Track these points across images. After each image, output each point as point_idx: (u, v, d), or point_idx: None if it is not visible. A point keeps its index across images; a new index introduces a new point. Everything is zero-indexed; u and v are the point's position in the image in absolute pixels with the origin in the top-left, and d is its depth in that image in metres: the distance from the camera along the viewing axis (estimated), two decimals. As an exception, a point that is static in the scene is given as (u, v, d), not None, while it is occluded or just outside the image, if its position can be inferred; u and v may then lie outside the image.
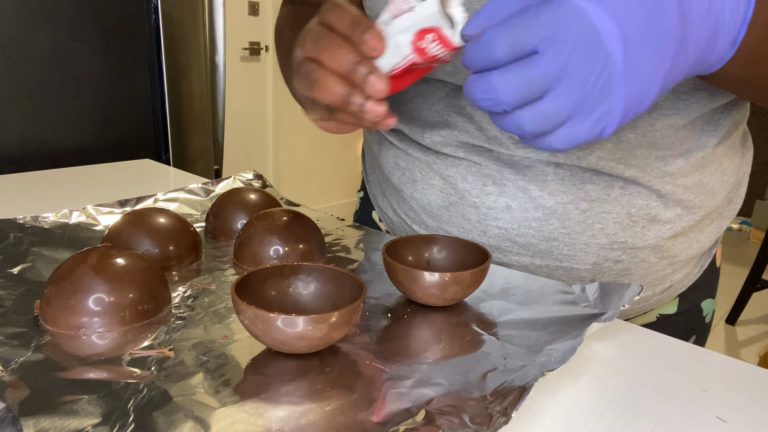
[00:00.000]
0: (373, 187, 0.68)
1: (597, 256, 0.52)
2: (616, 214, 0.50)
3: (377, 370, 0.34)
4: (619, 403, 0.34)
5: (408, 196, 0.58)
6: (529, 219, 0.51)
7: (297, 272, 0.39)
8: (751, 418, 0.33)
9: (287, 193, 3.31)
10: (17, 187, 0.73)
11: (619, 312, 0.40)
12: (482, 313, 0.42)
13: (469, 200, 0.53)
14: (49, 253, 0.48)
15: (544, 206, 0.50)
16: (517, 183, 0.50)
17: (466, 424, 0.29)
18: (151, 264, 0.40)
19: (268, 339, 0.33)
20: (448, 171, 0.54)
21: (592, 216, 0.50)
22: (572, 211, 0.50)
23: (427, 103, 0.54)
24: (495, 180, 0.51)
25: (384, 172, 0.61)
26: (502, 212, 0.52)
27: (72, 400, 0.29)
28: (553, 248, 0.52)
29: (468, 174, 0.53)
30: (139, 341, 0.36)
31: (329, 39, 0.38)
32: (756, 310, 2.61)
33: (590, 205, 0.50)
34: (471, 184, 0.52)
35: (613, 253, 0.52)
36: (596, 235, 0.51)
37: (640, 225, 0.51)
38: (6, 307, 0.39)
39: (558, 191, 0.49)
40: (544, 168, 0.49)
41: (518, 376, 0.33)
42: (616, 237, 0.51)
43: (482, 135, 0.51)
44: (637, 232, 0.51)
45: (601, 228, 0.51)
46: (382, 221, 0.67)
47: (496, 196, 0.51)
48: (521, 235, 0.52)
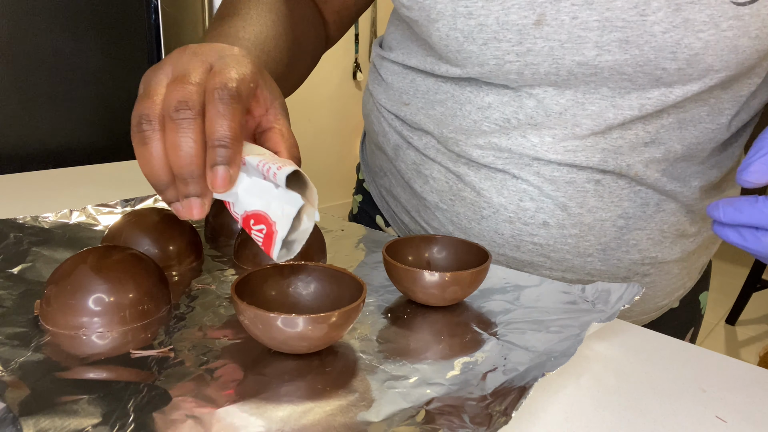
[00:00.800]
0: (381, 192, 0.65)
1: (628, 270, 0.52)
2: (649, 230, 0.50)
3: (377, 370, 0.34)
4: (619, 403, 0.34)
5: (432, 206, 0.56)
6: (565, 236, 0.50)
7: (297, 272, 0.39)
8: (751, 418, 0.33)
9: (287, 193, 3.30)
10: (17, 187, 0.73)
11: (619, 312, 0.40)
12: (482, 313, 0.42)
13: (504, 215, 0.51)
14: (49, 253, 0.48)
15: (582, 223, 0.49)
16: (557, 200, 0.48)
17: (466, 424, 0.29)
18: (151, 264, 0.40)
19: (268, 339, 0.33)
20: (481, 184, 0.51)
21: (627, 233, 0.50)
22: (609, 228, 0.49)
23: (463, 107, 0.51)
24: (533, 196, 0.49)
25: (403, 177, 0.59)
26: (538, 228, 0.50)
27: (72, 400, 0.29)
28: (587, 264, 0.51)
29: (503, 188, 0.50)
30: (139, 341, 0.36)
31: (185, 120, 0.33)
32: (756, 310, 2.60)
33: (627, 222, 0.49)
34: (507, 199, 0.50)
35: (643, 268, 0.52)
36: (629, 251, 0.51)
37: (669, 240, 0.52)
38: (6, 307, 0.39)
39: (597, 208, 0.49)
40: (585, 185, 0.48)
41: (518, 376, 0.33)
42: (648, 253, 0.51)
43: (524, 144, 0.48)
44: (666, 247, 0.52)
45: (635, 244, 0.51)
46: (391, 226, 0.65)
47: (533, 212, 0.50)
48: (556, 251, 0.51)
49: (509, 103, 0.48)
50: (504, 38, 0.45)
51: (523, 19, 0.44)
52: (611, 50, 0.43)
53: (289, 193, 0.33)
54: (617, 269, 0.52)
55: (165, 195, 0.35)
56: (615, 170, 0.47)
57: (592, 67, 0.44)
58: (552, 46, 0.44)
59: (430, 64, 0.52)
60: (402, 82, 0.57)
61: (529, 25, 0.44)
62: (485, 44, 0.46)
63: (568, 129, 0.47)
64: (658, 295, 0.56)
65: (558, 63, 0.45)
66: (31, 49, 0.92)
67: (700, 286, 0.63)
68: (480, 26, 0.45)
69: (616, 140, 0.47)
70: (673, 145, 0.48)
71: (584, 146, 0.47)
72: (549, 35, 0.44)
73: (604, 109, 0.46)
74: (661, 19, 0.41)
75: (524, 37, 0.45)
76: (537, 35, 0.44)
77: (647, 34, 0.42)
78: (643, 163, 0.47)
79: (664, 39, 0.42)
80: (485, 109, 0.50)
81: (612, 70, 0.44)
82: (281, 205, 0.34)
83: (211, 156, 0.33)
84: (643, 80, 0.44)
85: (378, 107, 0.61)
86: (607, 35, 0.43)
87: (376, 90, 0.61)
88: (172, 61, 0.36)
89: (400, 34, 0.58)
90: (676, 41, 0.42)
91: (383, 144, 0.61)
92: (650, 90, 0.45)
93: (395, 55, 0.58)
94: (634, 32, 0.42)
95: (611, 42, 0.43)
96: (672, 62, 0.43)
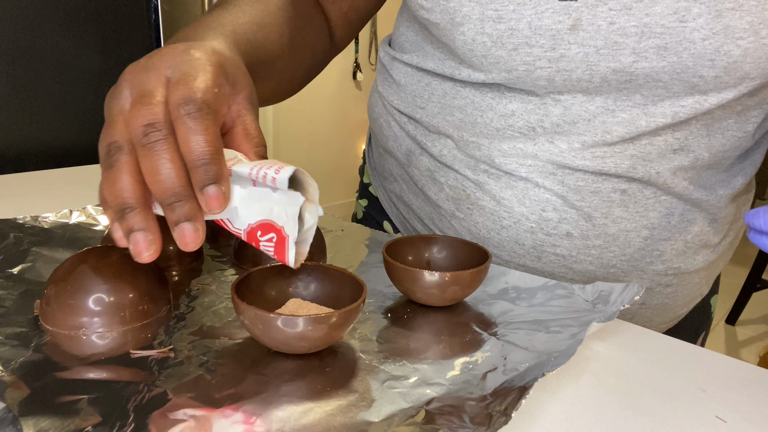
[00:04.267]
0: (390, 197, 0.63)
1: (651, 281, 0.51)
2: (674, 241, 0.50)
3: (377, 370, 0.34)
4: (619, 403, 0.34)
5: (448, 214, 0.54)
6: (589, 247, 0.49)
7: (297, 272, 0.39)
8: (751, 418, 0.33)
9: (287, 193, 3.30)
10: (17, 187, 0.73)
11: (619, 312, 0.40)
12: (482, 313, 0.42)
13: (526, 225, 0.49)
14: (49, 253, 0.48)
15: (606, 234, 0.48)
16: (582, 210, 0.47)
17: (466, 424, 0.29)
18: (151, 264, 0.40)
19: (268, 339, 0.33)
20: (502, 193, 0.50)
21: (652, 243, 0.49)
22: (634, 238, 0.48)
23: (484, 114, 0.50)
24: (556, 206, 0.48)
25: (416, 184, 0.57)
26: (561, 239, 0.49)
27: (72, 400, 0.29)
28: (610, 275, 0.50)
29: (525, 198, 0.49)
30: (139, 341, 0.36)
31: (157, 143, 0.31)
32: (756, 310, 2.60)
33: (651, 233, 0.49)
34: (529, 209, 0.49)
35: (666, 278, 0.52)
36: (653, 262, 0.50)
37: (693, 251, 0.51)
38: (6, 307, 0.39)
39: (622, 218, 0.48)
40: (610, 194, 0.47)
41: (518, 376, 0.33)
42: (671, 263, 0.51)
43: (552, 150, 0.47)
44: (689, 258, 0.51)
45: (659, 255, 0.50)
46: (400, 233, 0.64)
47: (556, 223, 0.48)
48: (579, 262, 0.50)
49: (534, 111, 0.47)
50: (536, 43, 0.44)
51: (558, 24, 0.43)
52: (648, 57, 0.42)
53: (288, 193, 0.32)
54: (640, 280, 0.51)
55: (127, 222, 0.32)
56: (643, 178, 0.46)
57: (628, 74, 0.43)
58: (587, 52, 0.43)
59: (449, 68, 0.50)
60: (416, 85, 0.55)
61: (563, 30, 0.43)
62: (515, 49, 0.44)
63: (598, 136, 0.46)
64: (678, 305, 0.55)
65: (592, 69, 0.43)
66: (31, 49, 0.92)
67: (711, 290, 0.62)
68: (510, 31, 0.44)
69: (645, 146, 0.46)
70: (701, 153, 0.47)
71: (613, 152, 0.46)
72: (584, 41, 0.43)
73: (636, 117, 0.45)
74: (702, 26, 0.40)
75: (558, 42, 0.43)
76: (572, 41, 0.43)
77: (686, 40, 0.41)
78: (671, 170, 0.46)
79: (703, 46, 0.41)
80: (508, 117, 0.48)
81: (648, 77, 0.43)
82: (284, 208, 0.33)
83: (197, 177, 0.31)
84: (678, 87, 0.43)
85: (389, 110, 0.59)
86: (645, 41, 0.41)
87: (387, 91, 0.59)
88: (128, 82, 0.34)
89: (413, 35, 0.55)
90: (716, 48, 0.41)
91: (394, 149, 0.59)
92: (684, 98, 0.44)
93: (408, 57, 0.55)
94: (673, 39, 0.41)
95: (649, 48, 0.42)
96: (710, 69, 0.42)
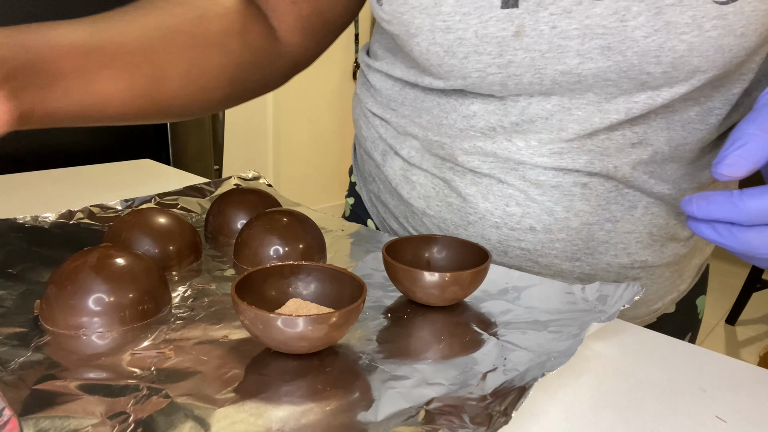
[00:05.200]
0: (371, 197, 0.65)
1: (618, 275, 0.52)
2: (638, 234, 0.50)
3: (377, 370, 0.34)
4: (619, 403, 0.34)
5: (419, 212, 0.56)
6: (553, 240, 0.49)
7: (297, 272, 0.39)
8: (751, 418, 0.33)
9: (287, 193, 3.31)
10: (17, 187, 0.73)
11: (619, 312, 0.40)
12: (482, 313, 0.42)
13: (491, 220, 0.51)
14: (49, 253, 0.48)
15: (569, 227, 0.49)
16: (543, 204, 0.48)
17: (466, 424, 0.29)
18: (151, 264, 0.40)
19: (268, 339, 0.33)
20: (467, 189, 0.51)
21: (616, 236, 0.49)
22: (597, 231, 0.49)
23: (449, 115, 0.51)
24: (519, 201, 0.49)
25: (390, 183, 0.58)
26: (525, 233, 0.50)
27: (72, 400, 0.29)
28: (575, 268, 0.51)
29: (489, 193, 0.50)
30: (139, 341, 0.36)
31: None
32: (756, 310, 2.61)
33: (615, 226, 0.49)
34: (493, 204, 0.50)
35: (633, 272, 0.52)
36: (618, 255, 0.50)
37: (659, 243, 0.51)
38: (6, 307, 0.39)
39: (584, 212, 0.48)
40: (571, 188, 0.48)
41: (518, 376, 0.33)
42: (637, 256, 0.51)
43: (510, 148, 0.48)
44: (656, 251, 0.51)
45: (624, 248, 0.50)
46: (381, 231, 0.65)
47: (520, 217, 0.49)
48: (544, 256, 0.50)
49: (494, 111, 0.48)
50: (484, 51, 0.45)
51: (502, 31, 0.44)
52: (593, 57, 0.43)
53: None
54: (607, 273, 0.52)
55: None
56: (602, 172, 0.47)
57: (576, 75, 0.44)
58: (533, 57, 0.44)
59: (414, 76, 0.53)
60: (391, 90, 0.57)
61: (508, 37, 0.44)
62: (465, 58, 0.46)
63: (554, 133, 0.47)
64: (650, 299, 0.55)
65: (540, 73, 0.44)
66: (31, 49, 0.92)
67: (698, 290, 0.62)
68: (459, 40, 0.45)
69: (603, 141, 0.46)
70: (661, 146, 0.47)
71: (570, 148, 0.47)
72: (529, 46, 0.44)
73: (591, 114, 0.45)
74: (642, 24, 0.41)
75: (504, 49, 0.44)
76: (517, 47, 0.44)
77: (629, 39, 0.42)
78: (630, 164, 0.47)
79: (646, 43, 0.41)
80: (471, 118, 0.50)
81: (596, 77, 0.44)
82: None
83: None
84: (629, 85, 0.44)
85: (366, 113, 0.61)
86: (588, 43, 0.42)
87: (365, 95, 0.61)
88: None
89: (385, 44, 0.57)
90: (659, 45, 0.41)
91: (371, 150, 0.61)
92: (636, 94, 0.44)
93: (380, 65, 0.57)
94: (616, 38, 0.42)
95: (593, 49, 0.42)
96: (656, 66, 0.42)
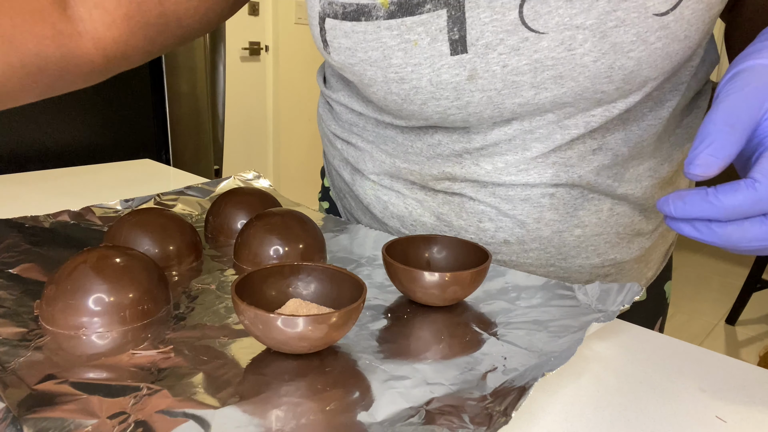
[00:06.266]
0: (344, 211, 0.66)
1: (590, 274, 0.53)
2: (606, 235, 0.51)
3: (377, 370, 0.34)
4: (619, 403, 0.34)
5: (394, 230, 0.57)
6: (527, 250, 0.51)
7: (297, 272, 0.39)
8: (751, 418, 0.33)
9: (287, 193, 3.31)
10: (17, 187, 0.73)
11: (619, 312, 0.40)
12: (482, 313, 0.42)
13: (465, 236, 0.52)
14: (49, 253, 0.48)
15: (541, 237, 0.50)
16: (515, 218, 0.49)
17: (466, 424, 0.29)
18: (151, 264, 0.40)
19: (268, 339, 0.33)
20: (440, 209, 0.52)
21: (585, 240, 0.51)
22: (568, 238, 0.50)
23: (413, 144, 0.52)
24: (491, 216, 0.50)
25: (362, 202, 0.59)
26: (500, 246, 0.51)
27: (72, 400, 0.29)
28: (550, 273, 0.53)
29: (462, 211, 0.51)
30: (139, 341, 0.36)
31: None
32: (756, 310, 2.61)
33: (583, 230, 0.50)
34: (466, 221, 0.51)
35: (603, 270, 0.54)
36: (589, 257, 0.52)
37: (626, 241, 0.53)
38: (6, 307, 0.39)
39: (554, 221, 0.49)
40: (540, 200, 0.49)
41: (518, 376, 0.33)
42: (607, 256, 0.53)
43: (478, 171, 0.49)
44: (623, 248, 0.53)
45: (594, 249, 0.52)
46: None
47: (493, 232, 0.51)
48: (519, 265, 0.52)
49: (458, 139, 0.49)
50: (441, 96, 0.45)
51: (456, 76, 0.44)
52: (548, 87, 0.43)
53: None
54: (579, 275, 0.53)
55: None
56: (567, 182, 0.48)
57: (533, 105, 0.45)
58: (490, 96, 0.44)
59: (374, 112, 0.53)
60: (351, 116, 0.57)
61: (463, 81, 0.44)
62: (424, 104, 0.46)
63: (518, 153, 0.48)
64: None
65: (499, 108, 0.45)
66: (31, 49, 0.92)
67: (664, 276, 0.64)
68: (415, 89, 0.46)
69: (565, 152, 0.47)
70: (620, 149, 0.48)
71: (536, 164, 0.48)
72: (484, 87, 0.44)
73: (552, 132, 0.46)
74: (590, 50, 0.41)
75: (461, 92, 0.45)
76: (473, 89, 0.44)
77: (579, 66, 0.42)
78: (593, 171, 0.48)
79: (596, 67, 0.42)
80: (436, 146, 0.50)
81: (553, 103, 0.44)
82: None
83: None
84: (585, 104, 0.45)
85: (329, 135, 0.61)
86: (540, 75, 0.43)
87: (327, 117, 0.61)
88: None
89: (338, 79, 0.57)
90: (609, 66, 0.42)
91: (339, 168, 0.61)
92: (593, 109, 0.45)
93: (337, 96, 0.57)
94: (566, 67, 0.42)
95: (546, 80, 0.43)
96: (609, 84, 0.43)
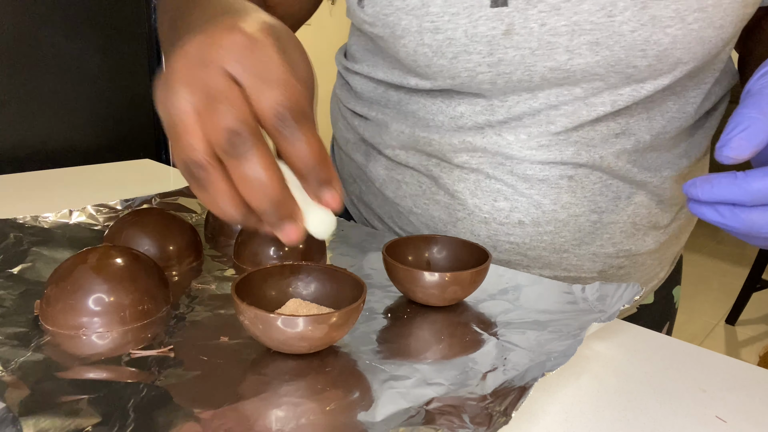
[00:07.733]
0: (351, 199, 0.65)
1: (603, 264, 0.53)
2: (622, 223, 0.51)
3: (377, 370, 0.34)
4: (619, 403, 0.34)
5: (406, 211, 0.56)
6: (541, 233, 0.50)
7: (297, 272, 0.39)
8: (751, 418, 0.33)
9: (287, 193, 3.29)
10: (17, 187, 0.73)
11: (619, 312, 0.40)
12: (482, 313, 0.42)
13: (479, 216, 0.51)
14: (49, 253, 0.48)
15: (557, 220, 0.50)
16: (532, 198, 0.49)
17: (466, 424, 0.29)
18: (151, 264, 0.40)
19: (268, 339, 0.33)
20: (455, 186, 0.51)
21: (601, 227, 0.50)
22: (584, 223, 0.50)
23: (435, 117, 0.51)
24: (507, 195, 0.49)
25: (374, 184, 0.59)
26: (514, 227, 0.50)
27: (72, 400, 0.29)
28: (563, 259, 0.52)
29: (477, 189, 0.50)
30: (139, 341, 0.36)
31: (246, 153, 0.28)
32: (756, 310, 2.60)
33: (600, 217, 0.50)
34: (481, 200, 0.51)
35: (617, 261, 0.53)
36: (604, 245, 0.51)
37: (642, 232, 0.52)
38: (6, 307, 0.39)
39: (571, 204, 0.49)
40: (558, 181, 0.48)
41: (518, 376, 0.33)
42: (622, 245, 0.52)
43: (499, 142, 0.48)
44: (639, 239, 0.53)
45: (609, 237, 0.51)
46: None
47: (508, 212, 0.50)
48: (532, 249, 0.51)
49: (481, 112, 0.49)
50: (474, 50, 0.45)
51: (492, 30, 0.44)
52: (582, 53, 0.43)
53: None
54: (593, 263, 0.52)
55: (247, 224, 0.31)
56: (588, 163, 0.48)
57: (564, 71, 0.45)
58: (523, 54, 0.44)
59: (398, 78, 0.52)
60: (373, 93, 0.56)
61: (498, 36, 0.44)
62: (455, 58, 0.46)
63: (542, 127, 0.47)
64: None
65: (530, 70, 0.45)
66: (31, 49, 0.92)
67: (673, 280, 0.64)
68: (449, 40, 0.45)
69: (588, 132, 0.47)
70: (643, 135, 0.48)
71: (557, 141, 0.47)
72: (519, 44, 0.44)
73: (578, 108, 0.46)
74: (629, 19, 0.42)
75: (494, 47, 0.45)
76: (507, 45, 0.44)
77: (616, 34, 0.42)
78: (614, 154, 0.48)
79: (633, 38, 0.42)
80: (458, 119, 0.50)
81: (584, 72, 0.44)
82: None
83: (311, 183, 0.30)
84: (615, 79, 0.45)
85: (346, 114, 0.61)
86: (577, 39, 0.43)
87: (345, 97, 0.61)
88: (184, 79, 0.29)
89: (363, 45, 0.57)
90: (645, 39, 0.42)
91: (352, 151, 0.61)
92: (622, 87, 0.45)
93: (360, 67, 0.57)
94: (603, 34, 0.43)
95: (581, 45, 0.43)
96: (642, 59, 0.43)
